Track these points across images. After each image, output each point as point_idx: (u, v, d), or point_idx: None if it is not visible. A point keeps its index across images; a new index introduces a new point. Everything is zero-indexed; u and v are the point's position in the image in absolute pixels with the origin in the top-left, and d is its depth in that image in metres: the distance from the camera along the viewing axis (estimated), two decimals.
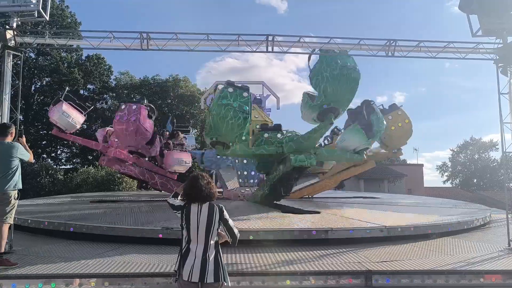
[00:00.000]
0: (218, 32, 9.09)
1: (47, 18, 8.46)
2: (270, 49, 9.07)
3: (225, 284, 3.90)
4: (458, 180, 63.63)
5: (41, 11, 8.27)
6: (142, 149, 13.97)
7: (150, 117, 13.53)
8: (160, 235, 7.64)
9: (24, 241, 8.24)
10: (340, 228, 8.21)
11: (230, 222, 4.07)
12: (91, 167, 27.04)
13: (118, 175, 25.11)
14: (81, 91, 37.26)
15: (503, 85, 8.93)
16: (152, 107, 13.91)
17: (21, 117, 32.46)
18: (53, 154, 38.13)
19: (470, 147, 62.90)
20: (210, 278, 3.78)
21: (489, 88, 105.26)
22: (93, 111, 15.37)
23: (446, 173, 65.54)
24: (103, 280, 5.72)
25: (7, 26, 8.14)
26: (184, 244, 3.94)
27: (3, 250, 6.29)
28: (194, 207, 3.94)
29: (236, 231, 4.09)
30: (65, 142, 37.93)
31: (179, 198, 4.16)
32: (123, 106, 13.30)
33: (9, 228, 6.78)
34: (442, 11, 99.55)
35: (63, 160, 38.79)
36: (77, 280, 5.68)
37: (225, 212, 4.05)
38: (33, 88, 36.60)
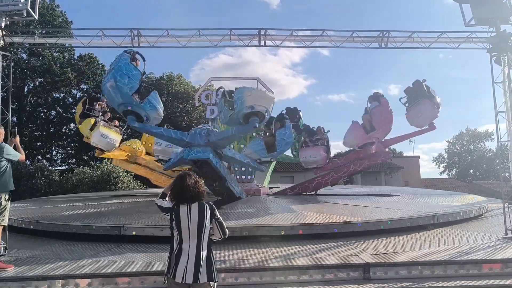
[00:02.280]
0: (210, 28, 9.00)
1: (36, 17, 8.36)
2: (262, 43, 9.02)
3: (212, 282, 3.85)
4: (454, 171, 63.98)
5: (30, 10, 8.17)
6: None
7: None
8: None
9: (19, 242, 8.18)
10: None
11: (222, 219, 4.03)
12: (86, 167, 26.87)
13: (114, 174, 24.98)
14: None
15: (497, 74, 8.92)
16: None
17: (14, 118, 32.26)
18: (48, 155, 37.90)
19: (465, 137, 63.23)
20: (203, 278, 3.74)
21: (483, 78, 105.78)
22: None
23: (442, 165, 65.91)
24: (100, 280, 5.68)
25: None
26: (176, 245, 3.87)
27: None
28: (183, 208, 3.87)
29: (226, 230, 4.04)
30: (60, 142, 37.79)
31: (167, 198, 4.08)
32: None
33: (4, 230, 6.72)
34: (435, 1, 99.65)
35: (58, 161, 38.57)
36: (74, 281, 5.63)
37: (216, 210, 4.01)
38: (26, 89, 36.28)
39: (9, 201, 6.45)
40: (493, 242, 7.48)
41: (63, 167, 36.07)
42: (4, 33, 8.03)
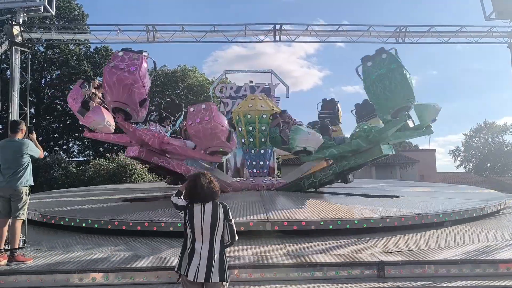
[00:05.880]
0: (224, 23, 8.94)
1: (53, 13, 8.45)
2: (277, 38, 8.95)
3: (224, 282, 3.87)
4: (471, 165, 62.96)
5: (47, 6, 8.26)
6: None
7: None
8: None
9: (38, 235, 8.35)
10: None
11: (233, 223, 4.03)
12: (102, 159, 27.24)
13: (130, 167, 25.27)
14: None
15: None
16: None
17: (32, 110, 32.82)
18: (65, 147, 38.56)
19: (483, 130, 62.02)
20: (215, 278, 3.77)
21: (503, 70, 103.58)
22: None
23: (459, 158, 64.95)
24: (116, 275, 5.77)
25: (13, 22, 8.12)
26: (189, 243, 3.91)
27: (17, 246, 6.38)
28: (197, 207, 3.91)
29: (236, 235, 4.04)
30: (77, 134, 38.35)
31: (182, 197, 4.11)
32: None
33: (23, 223, 6.86)
34: None
35: (75, 153, 39.22)
36: (90, 275, 5.74)
37: (230, 212, 4.02)
38: (43, 81, 36.90)
39: (29, 195, 6.62)
40: (510, 241, 7.34)
41: (80, 159, 36.69)
42: (22, 29, 8.12)
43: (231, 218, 4.01)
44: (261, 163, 14.78)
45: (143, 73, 9.60)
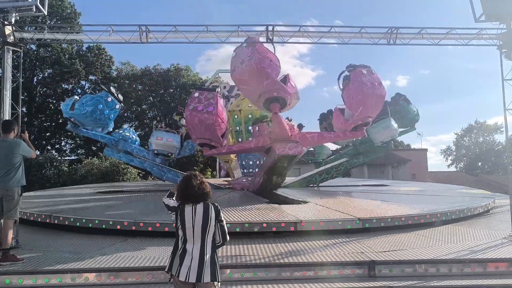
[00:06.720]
0: (217, 24, 8.99)
1: (45, 12, 8.42)
2: (270, 39, 9.00)
3: (216, 282, 3.89)
4: (462, 164, 63.47)
5: (39, 5, 8.23)
6: None
7: None
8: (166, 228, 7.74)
9: (30, 235, 8.33)
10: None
11: (224, 223, 4.05)
12: (95, 158, 27.10)
13: (123, 165, 25.13)
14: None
15: (507, 70, 8.76)
16: None
17: (24, 109, 32.55)
18: (57, 146, 38.28)
19: (474, 130, 62.56)
20: (206, 278, 3.79)
21: (493, 70, 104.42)
22: None
23: (450, 157, 65.44)
24: (108, 274, 5.79)
25: (5, 22, 8.09)
26: (180, 244, 3.93)
27: (9, 246, 6.37)
28: (188, 208, 3.92)
29: (227, 235, 4.06)
30: (69, 133, 38.08)
31: (174, 198, 4.13)
32: None
33: (15, 223, 6.85)
34: None
35: (67, 152, 38.94)
36: (83, 275, 5.74)
37: (221, 212, 4.04)
38: (35, 80, 36.54)
39: (21, 195, 6.62)
40: (499, 241, 7.46)
41: (72, 157, 36.45)
42: (14, 28, 8.10)
43: (222, 218, 4.03)
44: (257, 162, 14.96)
45: (220, 110, 10.33)
